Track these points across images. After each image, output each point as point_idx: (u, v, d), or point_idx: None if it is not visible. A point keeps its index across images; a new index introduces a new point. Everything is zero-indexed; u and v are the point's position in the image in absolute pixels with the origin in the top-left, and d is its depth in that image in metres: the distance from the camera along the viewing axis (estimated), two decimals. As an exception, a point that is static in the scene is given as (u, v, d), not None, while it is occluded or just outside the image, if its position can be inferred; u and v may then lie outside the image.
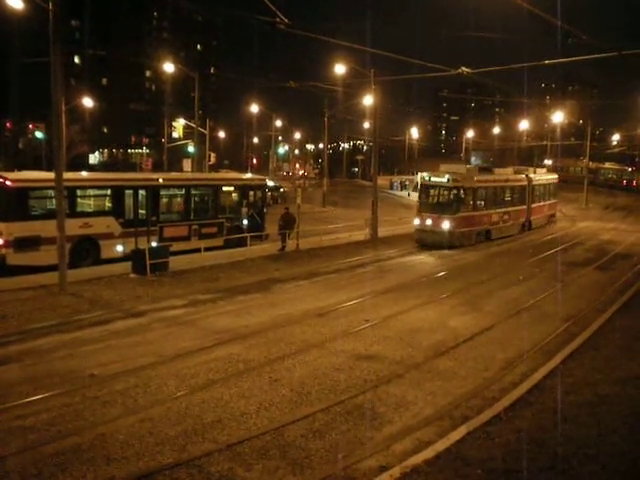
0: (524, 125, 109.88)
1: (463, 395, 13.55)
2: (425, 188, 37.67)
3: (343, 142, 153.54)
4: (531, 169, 50.17)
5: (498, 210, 39.98)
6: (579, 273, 28.28)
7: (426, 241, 35.92)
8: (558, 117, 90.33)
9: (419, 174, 39.47)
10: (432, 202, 37.06)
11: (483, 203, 38.29)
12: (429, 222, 36.06)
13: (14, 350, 16.04)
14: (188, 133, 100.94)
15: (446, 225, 35.46)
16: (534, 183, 45.76)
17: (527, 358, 16.09)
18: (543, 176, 50.33)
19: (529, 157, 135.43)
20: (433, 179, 36.99)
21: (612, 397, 12.61)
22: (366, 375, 14.59)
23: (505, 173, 43.63)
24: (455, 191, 36.14)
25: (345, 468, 10.18)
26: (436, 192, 37.21)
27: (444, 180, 36.28)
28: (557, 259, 31.91)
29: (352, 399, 13.11)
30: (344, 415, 12.32)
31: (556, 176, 54.58)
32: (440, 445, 10.73)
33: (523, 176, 44.92)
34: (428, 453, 10.42)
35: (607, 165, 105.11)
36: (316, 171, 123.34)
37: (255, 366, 15.04)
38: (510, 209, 41.80)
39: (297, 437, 11.28)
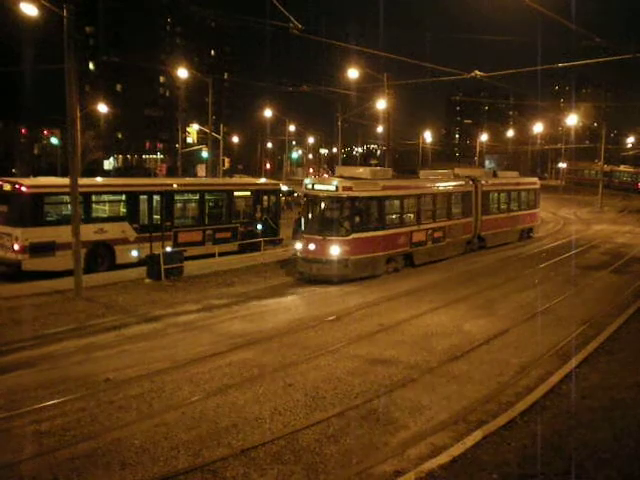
0: (538, 128, 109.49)
1: (478, 399, 13.50)
2: (309, 200, 27.29)
3: (357, 146, 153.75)
4: (478, 170, 41.43)
5: (424, 226, 30.21)
6: (594, 277, 28.12)
7: (310, 274, 25.96)
8: (572, 120, 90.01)
9: (305, 180, 28.93)
10: (317, 219, 26.84)
11: (397, 217, 28.94)
12: (312, 247, 25.76)
13: (30, 355, 16.13)
14: (202, 138, 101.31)
15: (335, 251, 25.48)
16: (486, 189, 36.10)
17: (542, 362, 16.02)
18: (508, 180, 40.70)
19: (543, 160, 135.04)
20: (318, 187, 26.83)
21: (627, 401, 12.55)
22: (380, 379, 14.57)
23: (436, 176, 35.35)
24: (348, 203, 26.15)
25: (359, 473, 10.17)
26: (322, 205, 26.94)
27: (331, 188, 26.16)
28: (572, 262, 31.74)
29: (366, 404, 13.09)
30: (359, 420, 12.30)
31: (535, 180, 45.37)
32: (455, 450, 10.69)
33: (463, 181, 34.88)
34: (443, 458, 10.38)
35: (622, 168, 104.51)
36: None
37: (269, 371, 15.05)
38: (445, 223, 32.02)
39: (311, 442, 11.28)
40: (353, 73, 40.43)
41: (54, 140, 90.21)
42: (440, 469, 9.99)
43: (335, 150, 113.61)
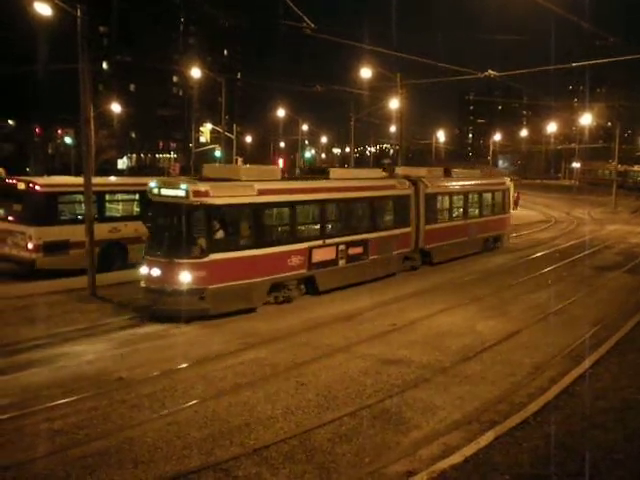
0: (552, 128, 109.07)
1: (491, 400, 13.48)
2: (154, 209, 20.95)
3: (370, 146, 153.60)
4: (424, 170, 32.51)
5: (332, 240, 23.62)
6: (608, 277, 28.00)
7: (156, 306, 19.22)
8: (586, 119, 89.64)
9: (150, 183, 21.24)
10: (163, 235, 20.27)
11: (285, 230, 22.28)
12: (156, 273, 19.43)
13: (43, 354, 16.19)
14: (215, 137, 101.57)
15: (185, 277, 18.92)
16: (432, 191, 29.73)
17: (555, 363, 15.97)
18: (466, 180, 34.10)
19: (557, 160, 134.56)
20: (165, 191, 20.22)
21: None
22: (393, 379, 14.56)
23: (356, 176, 27.87)
24: (204, 213, 19.58)
25: (372, 473, 10.17)
26: (170, 216, 20.51)
27: (180, 193, 19.59)
28: (585, 263, 31.63)
29: (379, 403, 13.10)
30: (371, 419, 12.31)
31: (504, 180, 38.89)
32: (467, 450, 10.68)
33: (395, 182, 28.18)
34: (455, 458, 10.37)
35: (636, 168, 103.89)
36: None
37: (282, 370, 15.08)
38: (368, 236, 25.37)
39: (324, 441, 11.30)
40: (366, 72, 40.45)
41: (68, 139, 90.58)
42: (452, 469, 9.98)
43: (348, 149, 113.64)
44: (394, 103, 44.39)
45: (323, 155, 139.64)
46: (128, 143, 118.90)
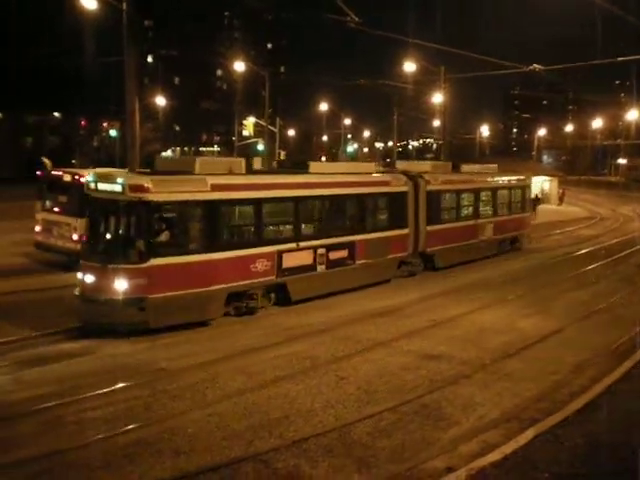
0: (597, 123, 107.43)
1: (531, 397, 13.36)
2: (91, 206, 18.58)
3: (412, 140, 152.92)
4: (427, 164, 31.43)
5: (308, 243, 21.14)
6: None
7: (89, 318, 17.14)
8: (633, 115, 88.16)
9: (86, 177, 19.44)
10: (98, 237, 18.21)
11: (249, 231, 19.85)
12: (91, 280, 17.23)
13: (86, 343, 16.42)
14: (258, 131, 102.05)
15: (121, 285, 16.75)
16: (434, 188, 27.03)
17: (598, 361, 15.78)
18: (478, 176, 31.74)
19: (603, 156, 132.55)
20: (102, 186, 18.02)
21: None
22: (433, 375, 14.52)
23: (340, 171, 24.32)
24: (144, 211, 17.21)
25: (411, 468, 10.15)
26: (106, 215, 18.22)
27: (117, 188, 17.48)
28: (630, 261, 31.15)
29: (419, 399, 13.06)
30: (411, 415, 12.28)
31: (523, 176, 36.13)
32: (507, 448, 10.59)
33: (390, 178, 25.63)
34: (495, 455, 10.30)
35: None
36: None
37: (321, 363, 15.13)
38: (354, 238, 22.87)
39: (363, 435, 11.31)
40: (410, 66, 40.24)
41: (113, 132, 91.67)
42: (492, 467, 9.92)
43: (391, 144, 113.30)
44: (437, 97, 44.12)
45: (365, 149, 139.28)
46: (172, 136, 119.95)
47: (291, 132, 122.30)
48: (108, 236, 18.01)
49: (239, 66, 58.02)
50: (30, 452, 10.42)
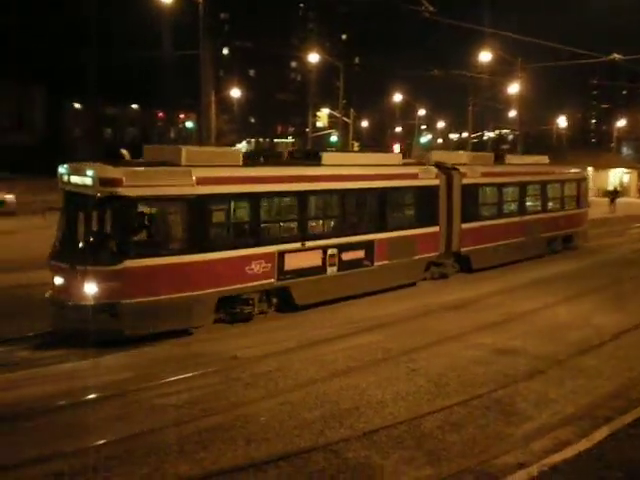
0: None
1: (606, 395, 13.09)
2: (64, 201, 16.89)
3: (488, 131, 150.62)
4: (466, 155, 27.81)
5: (315, 242, 19.15)
6: None
7: (62, 326, 15.70)
8: None
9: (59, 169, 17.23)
10: (67, 235, 16.42)
11: (242, 230, 17.98)
12: (60, 282, 15.82)
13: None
14: (332, 122, 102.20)
15: (91, 289, 15.09)
16: (471, 182, 24.64)
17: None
18: (524, 167, 29.20)
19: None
20: (74, 179, 16.26)
21: None
22: (506, 370, 14.35)
23: (349, 162, 21.48)
24: (116, 207, 15.67)
25: (482, 463, 10.07)
26: (76, 211, 16.48)
27: (87, 182, 15.74)
28: None
29: (491, 393, 12.93)
30: (482, 409, 12.18)
31: (579, 170, 33.69)
32: (580, 445, 10.44)
33: (417, 170, 23.08)
34: (568, 452, 10.17)
35: None
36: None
37: (393, 355, 15.13)
38: (375, 236, 20.92)
39: (433, 428, 11.27)
40: (485, 56, 39.73)
41: (189, 124, 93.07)
42: (564, 464, 9.79)
43: (465, 135, 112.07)
44: (513, 87, 43.40)
45: (440, 140, 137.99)
46: (247, 128, 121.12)
47: (364, 123, 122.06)
48: (78, 235, 16.20)
49: (313, 57, 58.21)
50: (107, 436, 10.74)
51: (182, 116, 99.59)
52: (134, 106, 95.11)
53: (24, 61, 65.97)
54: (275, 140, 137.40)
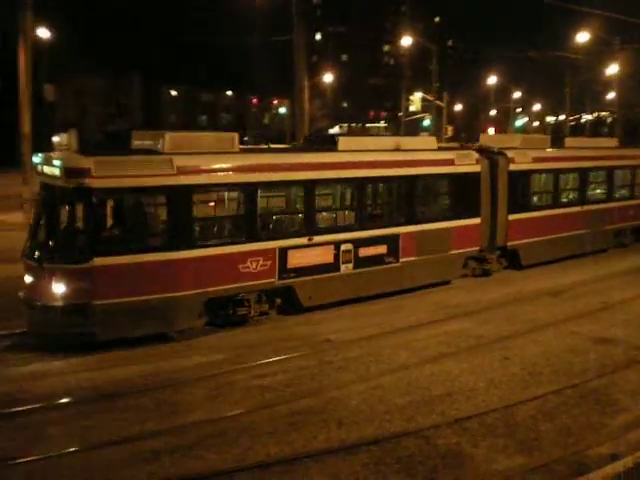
0: None
1: None
2: (39, 192, 15.83)
3: (586, 113, 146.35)
4: (519, 138, 24.45)
5: (326, 236, 17.42)
6: None
7: (34, 327, 14.66)
8: None
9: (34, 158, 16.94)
10: (38, 230, 15.08)
11: (234, 223, 16.53)
12: (29, 280, 14.75)
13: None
14: (425, 106, 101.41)
15: (58, 289, 13.98)
16: (521, 168, 22.22)
17: None
18: (587, 151, 25.65)
19: None
20: (47, 169, 15.11)
21: None
22: (602, 359, 14.04)
23: (369, 147, 19.31)
24: (82, 200, 14.37)
25: (575, 453, 9.92)
26: (47, 204, 15.15)
27: (56, 172, 14.52)
28: None
29: (586, 383, 12.68)
30: (576, 399, 11.97)
31: None
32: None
33: (453, 156, 20.60)
34: (666, 445, 9.92)
35: None
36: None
37: (486, 342, 15.02)
38: (400, 230, 19.00)
39: (526, 417, 11.16)
40: (583, 36, 38.60)
41: (282, 109, 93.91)
42: (662, 456, 9.55)
43: (562, 118, 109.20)
44: (612, 69, 42.06)
45: (536, 123, 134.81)
46: (340, 113, 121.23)
47: (458, 107, 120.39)
48: (47, 230, 14.78)
49: (406, 41, 57.72)
50: (201, 415, 11.09)
51: (275, 102, 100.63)
52: (228, 92, 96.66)
53: (121, 50, 67.86)
54: (367, 125, 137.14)
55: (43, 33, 32.81)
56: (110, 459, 9.62)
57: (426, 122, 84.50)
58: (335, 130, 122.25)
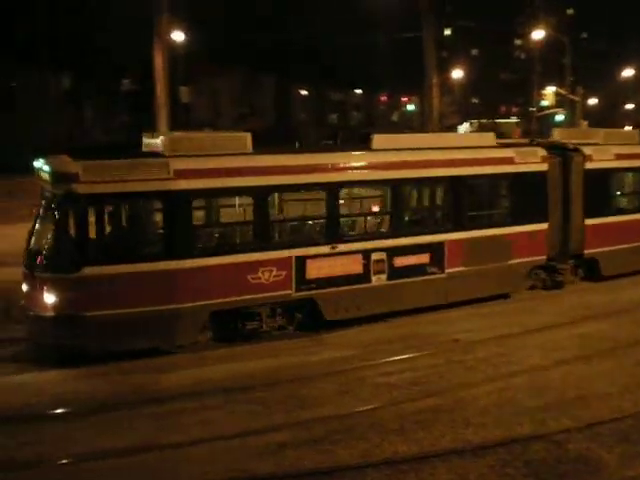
0: None
1: None
2: (40, 195, 14.99)
3: None
4: (600, 133, 21.51)
5: (353, 244, 16.09)
6: None
7: (33, 336, 14.50)
8: None
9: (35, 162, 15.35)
10: (35, 236, 14.60)
11: (243, 229, 15.63)
12: (25, 289, 14.44)
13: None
14: (558, 101, 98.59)
15: (49, 299, 13.56)
16: (598, 166, 19.67)
17: None
18: None
19: None
20: (42, 174, 14.50)
21: None
22: None
23: (410, 144, 17.65)
24: (70, 207, 13.72)
25: None
26: (42, 210, 14.63)
27: (47, 178, 14.21)
28: None
29: None
30: None
31: None
32: None
33: (513, 154, 18.54)
34: None
35: None
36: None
37: (622, 345, 14.52)
38: (445, 237, 17.34)
39: (663, 424, 10.70)
40: None
41: (411, 107, 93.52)
42: None
43: None
44: None
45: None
46: (470, 109, 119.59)
47: (593, 101, 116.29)
48: (40, 238, 14.24)
49: (538, 34, 56.31)
50: (330, 410, 11.24)
51: (404, 99, 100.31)
52: (357, 91, 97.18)
53: (254, 50, 69.38)
54: (497, 120, 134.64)
55: (177, 36, 33.95)
56: (234, 450, 9.84)
57: (559, 117, 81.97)
58: (464, 126, 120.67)
